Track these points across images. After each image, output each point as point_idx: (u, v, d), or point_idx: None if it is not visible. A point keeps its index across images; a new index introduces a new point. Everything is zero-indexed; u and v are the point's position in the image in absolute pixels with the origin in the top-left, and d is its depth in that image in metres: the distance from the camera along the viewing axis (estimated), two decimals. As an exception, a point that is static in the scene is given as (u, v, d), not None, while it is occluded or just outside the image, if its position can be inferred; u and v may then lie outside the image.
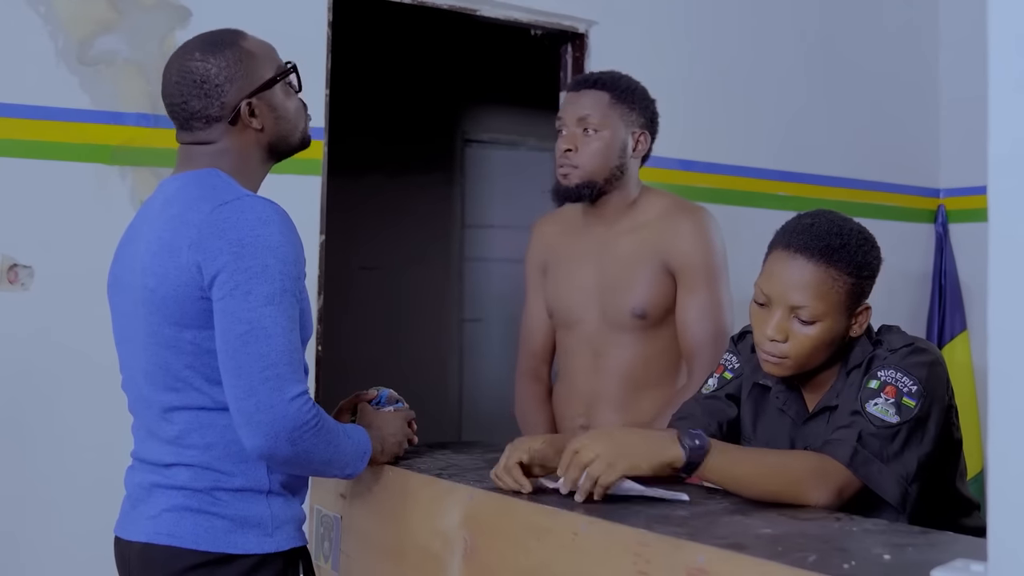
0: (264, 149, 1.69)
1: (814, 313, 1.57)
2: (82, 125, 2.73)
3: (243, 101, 1.64)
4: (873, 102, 4.18)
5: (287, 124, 1.70)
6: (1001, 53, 0.79)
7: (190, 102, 1.64)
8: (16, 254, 2.65)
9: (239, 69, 1.64)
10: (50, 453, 2.66)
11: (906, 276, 4.25)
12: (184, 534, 1.56)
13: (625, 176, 2.25)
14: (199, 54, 1.65)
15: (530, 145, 5.66)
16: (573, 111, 2.25)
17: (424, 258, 5.40)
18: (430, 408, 5.45)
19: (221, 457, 1.58)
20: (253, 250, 1.50)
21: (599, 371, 2.25)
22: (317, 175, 3.01)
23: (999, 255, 0.79)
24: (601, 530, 1.38)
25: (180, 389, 1.58)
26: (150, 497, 1.60)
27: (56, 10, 2.70)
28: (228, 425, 1.57)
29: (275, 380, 1.48)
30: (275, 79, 1.68)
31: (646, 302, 2.20)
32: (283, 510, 1.63)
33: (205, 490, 1.57)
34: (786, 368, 1.63)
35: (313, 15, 3.00)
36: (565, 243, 2.36)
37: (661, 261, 2.20)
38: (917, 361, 1.59)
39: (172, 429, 1.59)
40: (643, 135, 2.26)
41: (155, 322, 1.57)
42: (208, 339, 1.55)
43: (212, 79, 1.63)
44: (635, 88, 2.27)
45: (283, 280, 1.52)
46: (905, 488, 1.52)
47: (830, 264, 1.57)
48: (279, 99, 1.69)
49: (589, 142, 2.21)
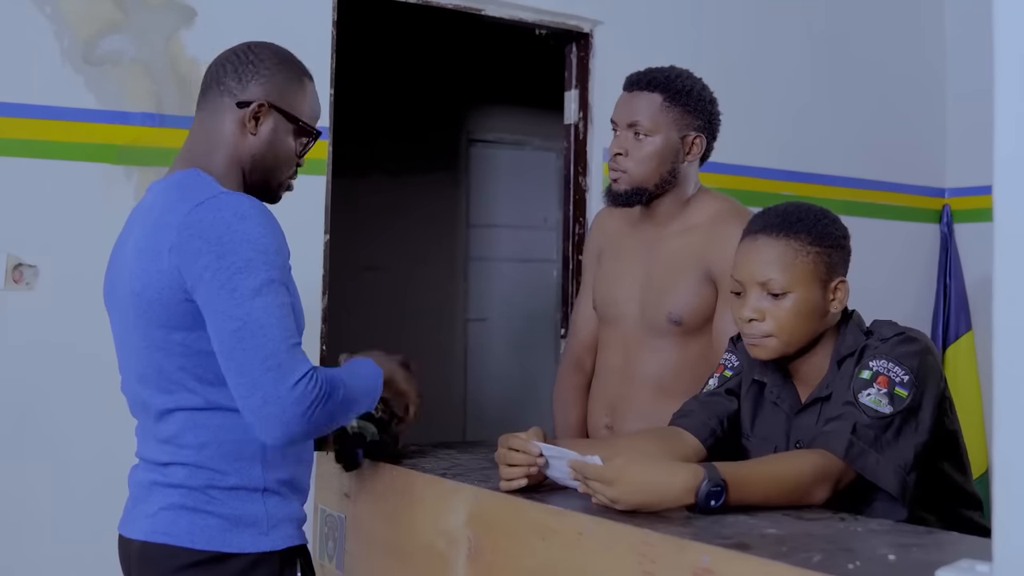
0: (245, 167, 1.68)
1: (783, 284, 1.61)
2: (88, 125, 2.74)
3: (261, 101, 1.65)
4: (878, 102, 4.18)
5: (272, 157, 1.69)
6: (1007, 52, 0.79)
7: (227, 70, 1.67)
8: (21, 254, 2.65)
9: (283, 83, 1.68)
10: (55, 453, 2.67)
11: (911, 276, 4.24)
12: (180, 532, 1.56)
13: (678, 180, 2.18)
14: (271, 51, 1.70)
15: (535, 145, 5.66)
16: (624, 113, 2.17)
17: (428, 258, 5.40)
18: (435, 408, 5.46)
19: (214, 456, 1.58)
20: (233, 246, 1.50)
21: (629, 373, 2.22)
22: (322, 175, 3.01)
23: (1004, 255, 0.79)
24: (606, 530, 1.38)
25: (173, 391, 1.58)
26: (149, 496, 1.61)
27: (62, 10, 2.71)
28: (221, 425, 1.58)
29: (276, 371, 1.48)
30: (298, 121, 1.69)
31: (684, 309, 2.13)
32: (279, 509, 1.63)
33: (200, 488, 1.57)
34: (771, 348, 1.64)
35: (318, 14, 3.00)
36: (619, 238, 2.32)
37: (704, 268, 2.12)
38: (908, 350, 1.59)
39: (167, 429, 1.60)
40: (698, 138, 2.17)
41: (144, 325, 1.57)
42: (198, 340, 1.54)
43: (259, 68, 1.67)
44: (691, 89, 2.18)
45: (268, 270, 1.51)
46: (903, 477, 1.53)
47: (789, 236, 1.63)
48: (284, 135, 1.69)
49: (639, 147, 2.14)
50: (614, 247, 2.32)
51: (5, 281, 2.63)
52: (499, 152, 5.68)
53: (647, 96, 2.15)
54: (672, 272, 2.17)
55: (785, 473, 1.51)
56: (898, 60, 4.25)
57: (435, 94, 5.44)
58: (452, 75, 5.44)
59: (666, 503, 1.40)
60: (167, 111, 2.82)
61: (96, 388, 2.63)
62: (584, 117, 3.54)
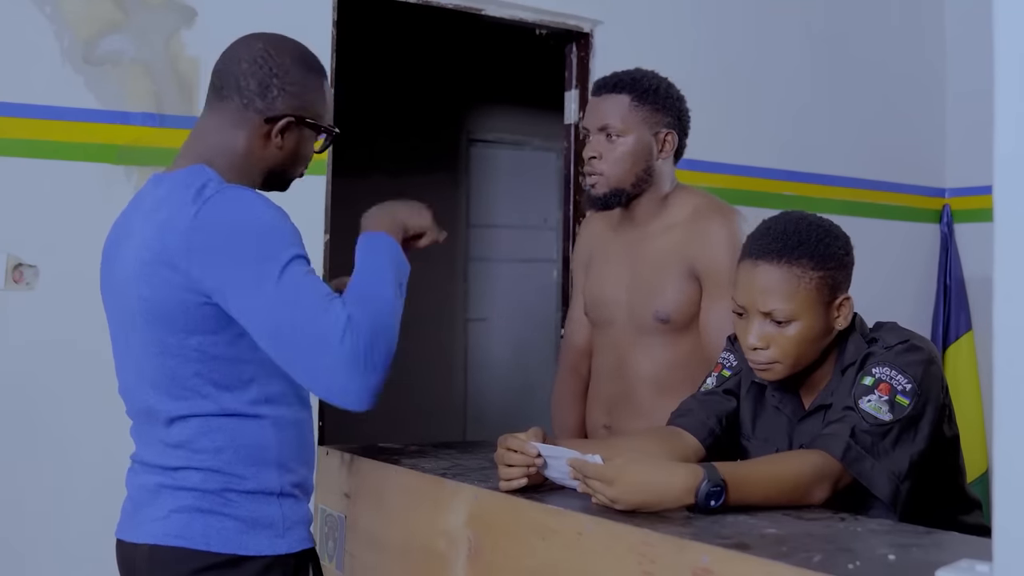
0: (265, 171, 1.67)
1: (786, 314, 1.59)
2: (88, 125, 2.74)
3: (290, 117, 1.63)
4: (878, 101, 4.17)
5: (292, 162, 1.69)
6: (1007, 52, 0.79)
7: (250, 79, 1.62)
8: (21, 254, 2.65)
9: (307, 92, 1.66)
10: (56, 453, 2.67)
11: (911, 276, 4.24)
12: (194, 535, 1.53)
13: (654, 178, 2.20)
14: (291, 54, 1.66)
15: (535, 145, 5.66)
16: (595, 118, 2.21)
17: (428, 258, 5.35)
18: (435, 408, 5.47)
19: (232, 461, 1.56)
20: (244, 238, 1.49)
21: (624, 374, 2.24)
22: (322, 175, 3.01)
23: (1004, 255, 0.79)
24: (606, 530, 1.38)
25: (188, 397, 1.55)
26: (156, 499, 1.58)
27: (62, 10, 2.71)
28: (238, 428, 1.56)
29: (319, 344, 1.46)
30: (319, 127, 1.69)
31: (670, 307, 2.16)
32: (294, 511, 1.61)
33: (216, 492, 1.55)
34: (778, 372, 1.64)
35: (318, 14, 3.00)
36: (604, 242, 2.35)
37: (688, 265, 2.15)
38: (913, 359, 1.59)
39: (180, 434, 1.56)
40: (670, 134, 2.20)
41: (156, 331, 1.54)
42: (215, 344, 1.53)
43: (285, 80, 1.63)
44: (657, 87, 2.21)
45: (285, 248, 1.50)
46: (896, 485, 1.53)
47: (791, 263, 1.59)
48: (308, 142, 1.69)
49: (612, 149, 2.17)
50: (600, 252, 2.35)
51: (5, 281, 2.63)
52: (499, 152, 5.68)
53: (615, 98, 2.19)
54: (656, 271, 2.19)
55: (785, 473, 1.51)
56: (898, 60, 4.25)
57: (435, 94, 5.43)
58: (452, 75, 5.44)
59: (666, 503, 1.40)
60: (167, 111, 2.82)
61: (97, 388, 2.62)
62: (584, 117, 3.54)
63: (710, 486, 1.40)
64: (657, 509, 1.41)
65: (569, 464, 1.48)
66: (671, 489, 1.40)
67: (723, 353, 1.86)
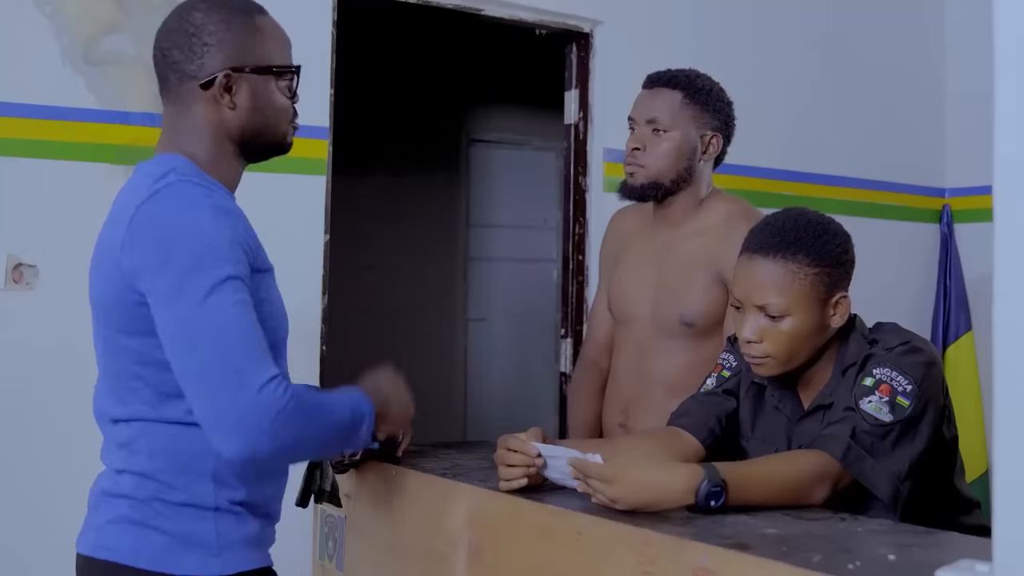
0: (235, 140, 1.53)
1: (780, 308, 1.60)
2: (88, 125, 2.74)
3: (225, 71, 1.49)
4: (878, 102, 4.18)
5: (262, 118, 1.54)
6: (1007, 52, 0.79)
7: (173, 51, 1.50)
8: (21, 254, 2.65)
9: (237, 38, 1.50)
10: (55, 453, 2.67)
11: (911, 276, 4.25)
12: (124, 549, 1.45)
13: (693, 178, 2.19)
14: (204, 7, 1.51)
15: (535, 145, 5.66)
16: (644, 110, 2.20)
17: (429, 257, 5.40)
18: (435, 408, 5.47)
19: (163, 468, 1.46)
20: (180, 242, 1.37)
21: (643, 374, 2.23)
22: (321, 175, 3.01)
23: (1004, 255, 0.79)
24: (606, 530, 1.38)
25: (130, 401, 1.47)
26: (98, 507, 1.52)
27: (62, 10, 2.71)
28: (177, 435, 1.45)
29: (235, 376, 1.33)
30: (271, 69, 1.53)
31: (695, 311, 2.15)
32: (233, 530, 1.48)
33: (146, 500, 1.46)
34: (771, 367, 1.64)
35: (318, 14, 3.00)
36: (635, 239, 2.33)
37: (716, 270, 2.14)
38: (914, 361, 1.59)
39: (123, 434, 1.49)
40: (715, 137, 2.20)
41: (105, 328, 1.49)
42: (154, 347, 1.42)
43: (203, 35, 1.49)
44: (711, 89, 2.22)
45: (220, 266, 1.37)
46: (897, 486, 1.54)
47: (787, 259, 1.60)
48: (266, 90, 1.53)
49: (658, 143, 2.16)
50: (629, 248, 2.34)
51: (5, 281, 2.63)
52: (499, 152, 5.68)
53: (667, 93, 2.19)
54: (684, 274, 2.18)
55: (785, 473, 1.51)
56: (898, 60, 4.25)
57: (435, 94, 5.44)
58: (452, 75, 5.45)
59: (666, 503, 1.40)
60: (167, 111, 2.82)
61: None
62: (584, 117, 3.54)
63: (710, 486, 1.40)
64: (657, 509, 1.41)
65: (569, 464, 1.48)
66: (671, 489, 1.40)
67: (723, 353, 1.87)
